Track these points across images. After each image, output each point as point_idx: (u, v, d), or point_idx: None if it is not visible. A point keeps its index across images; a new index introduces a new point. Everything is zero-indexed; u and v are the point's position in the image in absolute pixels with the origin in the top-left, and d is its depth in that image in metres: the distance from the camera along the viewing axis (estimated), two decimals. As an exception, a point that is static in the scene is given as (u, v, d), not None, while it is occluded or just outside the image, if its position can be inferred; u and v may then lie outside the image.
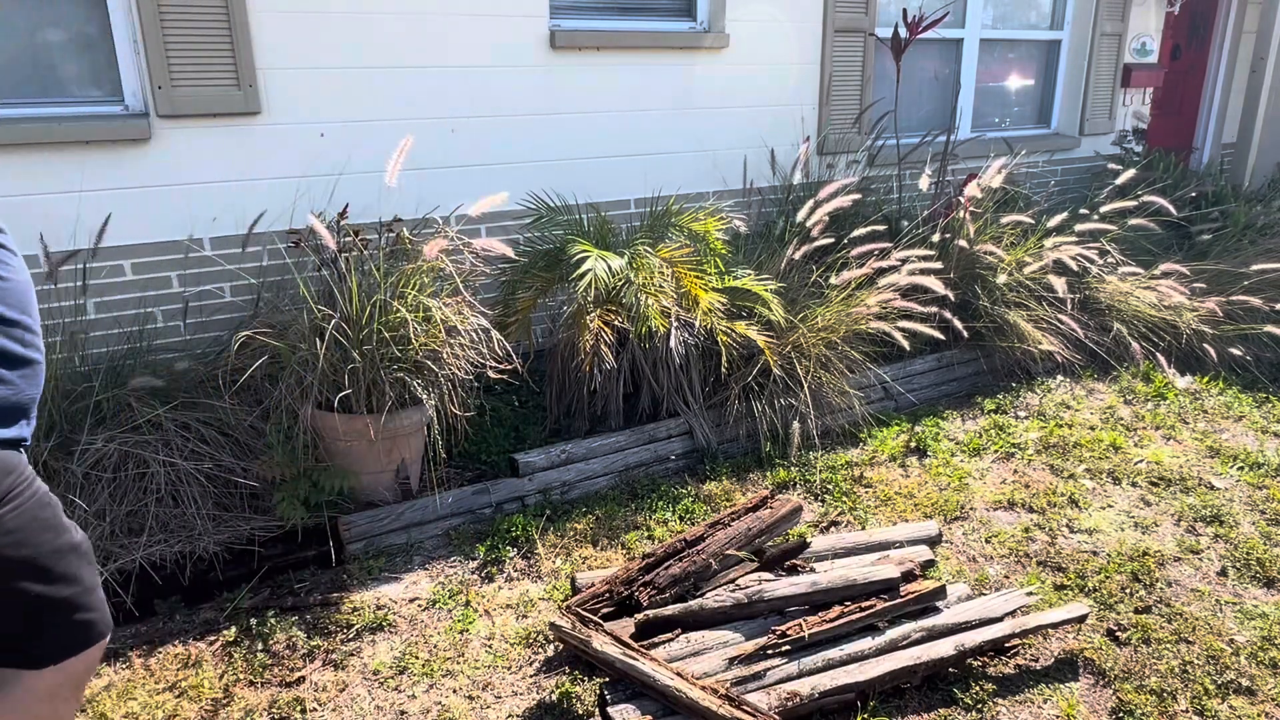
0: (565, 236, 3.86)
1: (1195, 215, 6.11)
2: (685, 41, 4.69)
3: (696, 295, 3.71)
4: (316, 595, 2.90)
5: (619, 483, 3.65)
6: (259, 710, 2.39)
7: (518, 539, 3.21)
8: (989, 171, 4.97)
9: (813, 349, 4.00)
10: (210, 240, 3.67)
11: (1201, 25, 7.61)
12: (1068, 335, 4.73)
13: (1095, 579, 3.02)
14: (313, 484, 3.17)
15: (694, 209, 4.17)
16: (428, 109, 4.05)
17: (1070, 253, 4.81)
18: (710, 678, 2.35)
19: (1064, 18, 6.54)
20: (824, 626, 2.50)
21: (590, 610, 2.64)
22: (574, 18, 4.46)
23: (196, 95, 3.53)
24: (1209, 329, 4.94)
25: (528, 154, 4.36)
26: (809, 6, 5.07)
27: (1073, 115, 6.68)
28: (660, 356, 3.83)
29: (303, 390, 3.16)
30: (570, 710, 2.40)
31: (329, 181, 3.84)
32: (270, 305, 3.65)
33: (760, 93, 5.02)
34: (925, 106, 6.08)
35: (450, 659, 2.61)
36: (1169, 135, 7.68)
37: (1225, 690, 2.52)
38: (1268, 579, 3.05)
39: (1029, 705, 2.46)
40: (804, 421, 3.90)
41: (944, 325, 4.36)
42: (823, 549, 2.99)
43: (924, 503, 3.53)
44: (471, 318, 3.30)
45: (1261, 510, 3.50)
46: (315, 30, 3.73)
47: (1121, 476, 3.76)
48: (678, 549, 2.83)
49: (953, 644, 2.53)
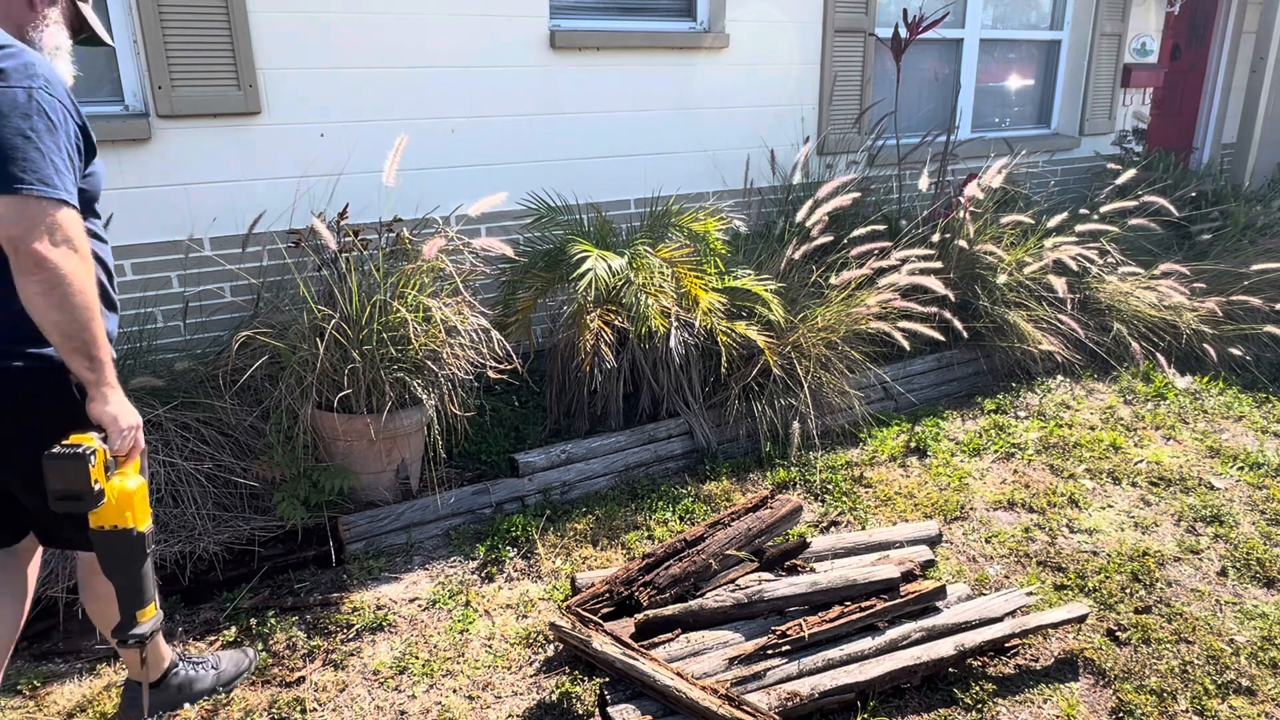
0: (565, 236, 3.86)
1: (1195, 215, 6.11)
2: (685, 41, 4.69)
3: (696, 295, 3.71)
4: (316, 595, 2.90)
5: (619, 483, 3.65)
6: (259, 710, 2.39)
7: (518, 539, 3.22)
8: (989, 171, 4.97)
9: (813, 349, 4.00)
10: (210, 240, 3.67)
11: (1201, 25, 7.61)
12: (1068, 335, 4.73)
13: (1095, 579, 3.02)
14: (313, 484, 3.17)
15: (694, 209, 4.17)
16: (428, 109, 4.05)
17: (1070, 253, 4.81)
18: (710, 678, 2.35)
19: (1064, 18, 6.54)
20: (824, 626, 2.51)
21: (590, 610, 2.64)
22: (574, 18, 4.46)
23: (196, 95, 3.53)
24: (1209, 329, 4.94)
25: (528, 154, 4.36)
26: (809, 6, 5.07)
27: (1073, 115, 6.68)
28: (660, 356, 3.83)
29: (303, 390, 3.16)
30: (570, 710, 2.40)
31: (329, 181, 3.84)
32: (270, 305, 3.65)
33: (760, 93, 5.03)
34: (925, 106, 6.08)
35: (450, 659, 2.61)
36: (1169, 135, 7.68)
37: (1225, 690, 2.52)
38: (1268, 579, 3.05)
39: (1029, 705, 2.46)
40: (804, 421, 3.90)
41: (944, 325, 4.36)
42: (823, 549, 2.99)
43: (924, 503, 3.53)
44: (471, 318, 3.30)
45: (1261, 510, 3.50)
46: (315, 30, 3.73)
47: (1121, 476, 3.76)
48: (678, 549, 2.83)
49: (953, 644, 2.53)
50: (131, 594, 1.87)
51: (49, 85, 1.72)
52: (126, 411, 1.82)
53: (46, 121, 1.69)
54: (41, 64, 1.74)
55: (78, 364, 1.73)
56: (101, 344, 1.74)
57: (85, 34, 2.03)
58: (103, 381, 1.76)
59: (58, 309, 1.66)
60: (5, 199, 1.63)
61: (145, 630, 1.90)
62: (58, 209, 1.67)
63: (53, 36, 1.90)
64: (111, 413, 1.78)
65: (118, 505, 1.77)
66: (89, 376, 1.75)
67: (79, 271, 1.68)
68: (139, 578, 1.86)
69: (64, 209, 1.68)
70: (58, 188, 1.67)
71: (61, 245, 1.66)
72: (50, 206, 1.66)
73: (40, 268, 1.65)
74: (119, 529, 1.79)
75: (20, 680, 2.49)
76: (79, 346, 1.70)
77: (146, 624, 1.90)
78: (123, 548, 1.81)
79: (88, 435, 1.74)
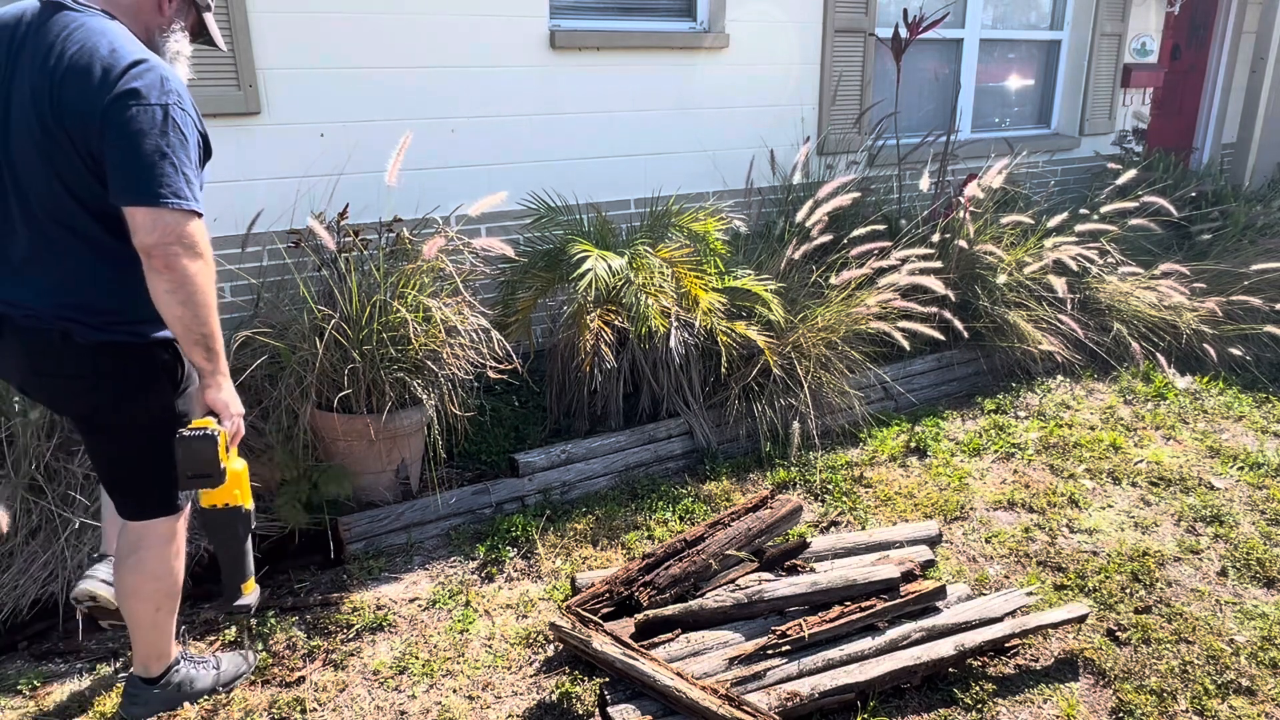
0: (565, 236, 3.86)
1: (1195, 215, 6.11)
2: (685, 42, 4.69)
3: (696, 295, 3.71)
4: (316, 595, 2.90)
5: (619, 483, 3.65)
6: (259, 710, 2.39)
7: (518, 539, 3.22)
8: (989, 171, 4.97)
9: (813, 349, 4.00)
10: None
11: (1201, 25, 7.61)
12: (1068, 335, 4.73)
13: (1095, 579, 3.02)
14: (313, 485, 3.17)
15: (694, 209, 4.17)
16: (428, 109, 4.05)
17: (1070, 253, 4.81)
18: (710, 678, 2.35)
19: (1064, 18, 6.54)
20: (824, 626, 2.51)
21: (590, 610, 2.64)
22: (574, 18, 4.46)
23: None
24: (1209, 329, 4.94)
25: (528, 154, 4.36)
26: (809, 7, 5.07)
27: (1073, 115, 6.68)
28: (660, 356, 3.83)
29: (302, 390, 3.16)
30: (570, 710, 2.40)
31: (329, 181, 3.84)
32: (270, 305, 3.64)
33: (760, 93, 5.03)
34: (925, 106, 6.08)
35: (450, 659, 2.61)
36: (1169, 135, 7.68)
37: (1225, 690, 2.52)
38: (1268, 579, 3.05)
39: (1029, 705, 2.46)
40: (804, 421, 3.90)
41: (944, 325, 4.36)
42: (823, 549, 2.99)
43: (924, 503, 3.53)
44: (471, 318, 3.30)
45: (1261, 510, 3.50)
46: (315, 30, 3.73)
47: (1121, 476, 3.76)
48: (678, 549, 2.83)
49: (953, 644, 2.53)
50: (237, 568, 2.07)
51: (181, 100, 1.87)
52: (235, 399, 2.02)
53: (180, 135, 1.84)
54: (173, 78, 1.88)
55: (197, 355, 1.93)
56: (218, 337, 1.94)
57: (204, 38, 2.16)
58: (218, 371, 1.97)
59: (181, 305, 1.85)
60: (144, 210, 1.80)
61: (249, 602, 2.12)
62: (189, 220, 1.85)
63: (177, 42, 2.04)
64: (224, 399, 1.99)
65: (230, 484, 1.99)
66: (205, 366, 1.95)
67: (203, 273, 1.87)
68: (244, 553, 2.09)
69: (194, 220, 1.86)
70: (189, 199, 1.85)
71: (190, 251, 1.84)
72: (183, 218, 1.83)
73: (170, 269, 1.82)
74: (229, 506, 2.00)
75: (20, 680, 2.49)
76: (198, 339, 1.90)
77: (249, 596, 2.12)
78: (233, 523, 2.02)
79: (207, 420, 1.93)
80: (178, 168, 1.82)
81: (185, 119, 1.86)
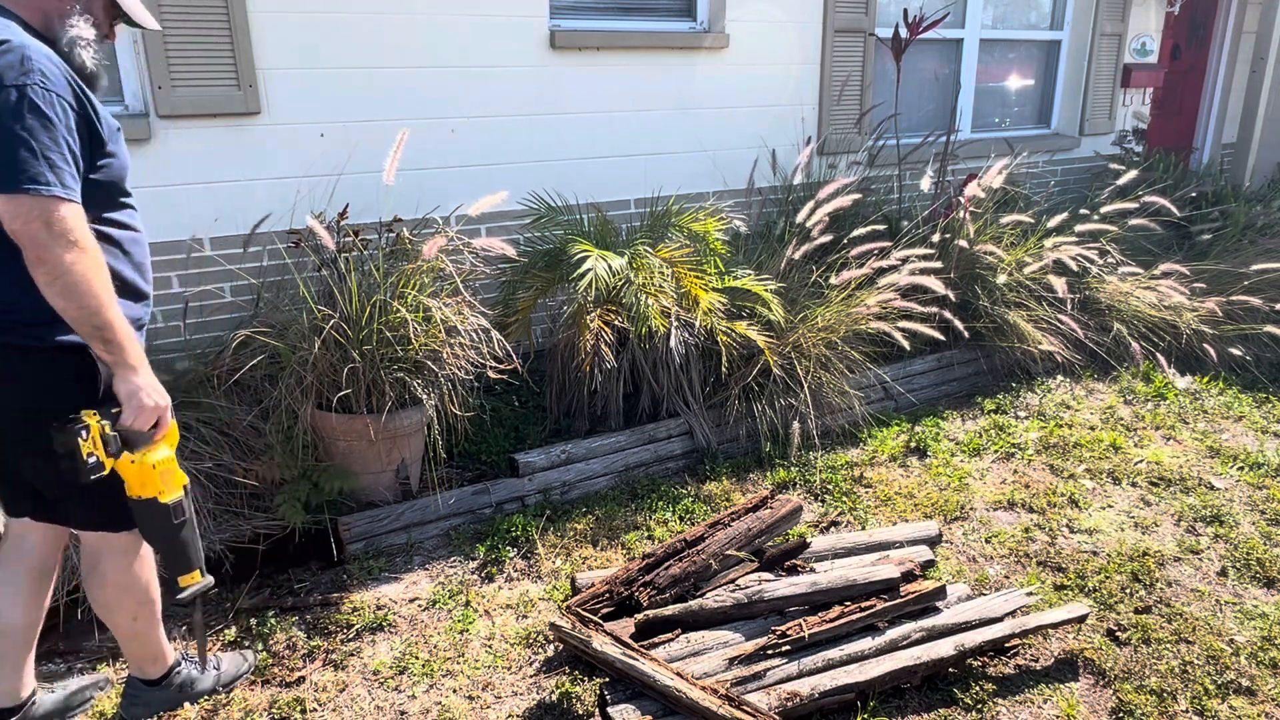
0: (565, 236, 3.86)
1: (1195, 215, 6.11)
2: (685, 42, 4.69)
3: (696, 295, 3.71)
4: (316, 595, 2.90)
5: (619, 483, 3.65)
6: (259, 710, 2.39)
7: (518, 539, 3.22)
8: (989, 171, 4.97)
9: (813, 349, 4.00)
10: (211, 240, 3.67)
11: (1201, 25, 7.61)
12: (1068, 335, 4.73)
13: (1095, 579, 3.02)
14: (313, 485, 3.17)
15: (694, 209, 4.17)
16: (428, 109, 4.05)
17: (1070, 253, 4.81)
18: (710, 678, 2.35)
19: (1064, 18, 6.54)
20: (824, 626, 2.51)
21: (590, 610, 2.64)
22: (574, 18, 4.46)
23: (196, 95, 3.53)
24: (1209, 329, 4.94)
25: (528, 154, 4.36)
26: (809, 6, 5.07)
27: (1073, 115, 6.68)
28: (660, 356, 3.83)
29: (302, 390, 3.16)
30: (570, 710, 2.40)
31: (329, 181, 3.84)
32: (270, 305, 3.64)
33: (760, 93, 5.03)
34: (925, 107, 6.08)
35: (450, 659, 2.61)
36: (1169, 135, 7.68)
37: (1225, 690, 2.52)
38: (1268, 579, 3.05)
39: (1029, 705, 2.46)
40: (804, 421, 3.89)
41: (944, 325, 4.36)
42: (823, 549, 2.99)
43: (924, 503, 3.53)
44: (471, 318, 3.30)
45: (1261, 510, 3.50)
46: (315, 30, 3.73)
47: (1121, 476, 3.76)
48: (678, 549, 2.83)
49: (953, 644, 2.53)
50: (172, 560, 2.05)
51: (46, 80, 1.74)
52: (151, 391, 1.91)
53: (41, 118, 1.72)
54: (39, 58, 1.75)
55: (96, 347, 1.84)
56: (115, 327, 1.82)
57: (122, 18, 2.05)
58: (120, 363, 1.86)
59: (62, 297, 1.75)
60: (2, 198, 1.70)
61: (188, 595, 2.09)
62: (55, 206, 1.72)
63: (75, 27, 1.92)
64: (127, 390, 1.88)
65: (139, 477, 1.94)
66: (107, 358, 1.86)
67: (80, 262, 1.74)
68: (179, 544, 2.05)
69: (62, 205, 1.73)
70: (51, 184, 1.72)
71: (60, 240, 1.72)
72: (47, 204, 1.71)
73: (42, 261, 1.72)
74: (142, 499, 1.97)
75: (20, 680, 2.48)
76: (90, 332, 1.80)
77: (190, 589, 2.10)
78: (150, 515, 1.98)
79: (92, 412, 1.88)
80: (37, 152, 1.70)
81: (50, 99, 1.73)
